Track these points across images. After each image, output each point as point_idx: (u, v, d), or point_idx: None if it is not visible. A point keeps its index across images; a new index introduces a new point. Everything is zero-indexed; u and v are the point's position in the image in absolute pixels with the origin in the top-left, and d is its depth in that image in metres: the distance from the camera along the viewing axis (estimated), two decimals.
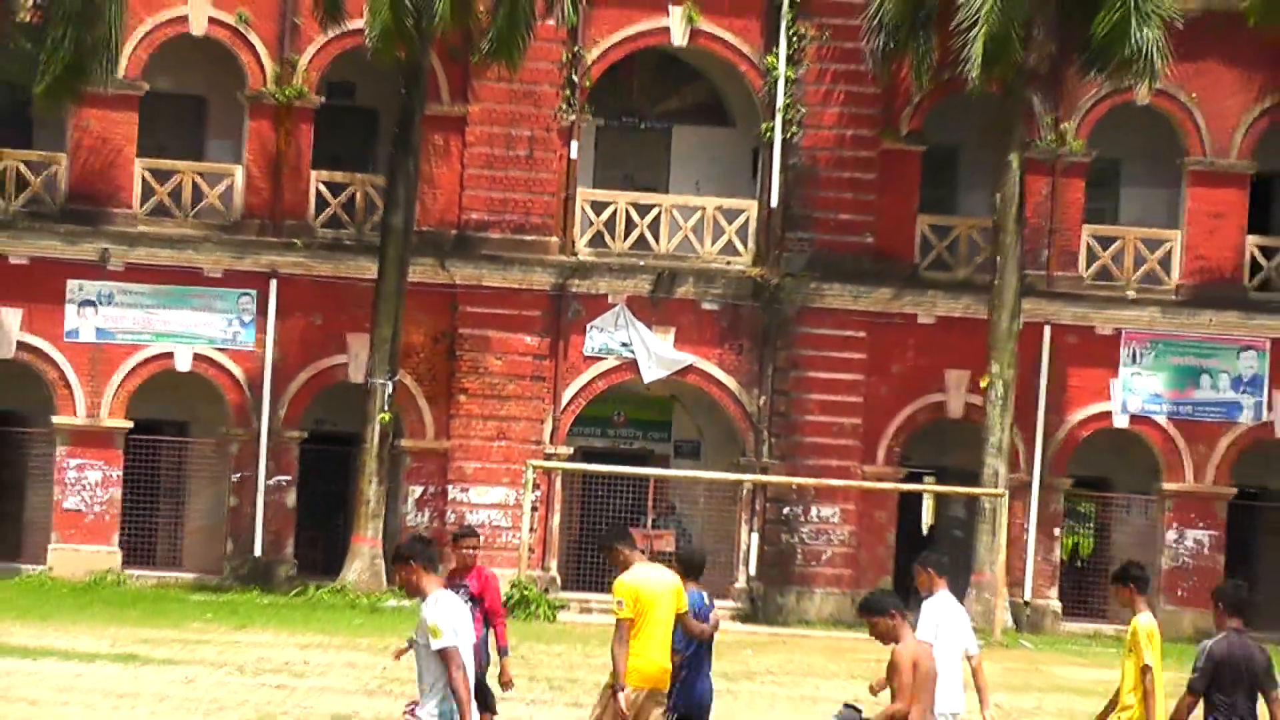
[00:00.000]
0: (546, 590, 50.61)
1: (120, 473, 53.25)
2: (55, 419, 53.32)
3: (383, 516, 51.82)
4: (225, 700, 28.03)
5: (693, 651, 21.69)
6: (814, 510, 54.55)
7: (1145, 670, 20.36)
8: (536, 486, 53.17)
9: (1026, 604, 53.76)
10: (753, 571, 54.41)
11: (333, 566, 51.99)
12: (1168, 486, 55.74)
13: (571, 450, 54.69)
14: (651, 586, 20.93)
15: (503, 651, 23.51)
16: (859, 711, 18.95)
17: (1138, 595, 21.00)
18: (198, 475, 54.66)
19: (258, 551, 52.54)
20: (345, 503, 51.49)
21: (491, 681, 22.94)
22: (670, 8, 54.40)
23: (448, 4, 49.34)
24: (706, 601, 21.98)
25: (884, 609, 18.53)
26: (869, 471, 54.54)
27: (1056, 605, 54.82)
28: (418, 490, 53.89)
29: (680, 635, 21.22)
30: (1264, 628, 55.56)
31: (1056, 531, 55.92)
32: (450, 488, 53.73)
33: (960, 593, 52.01)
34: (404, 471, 53.70)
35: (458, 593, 22.65)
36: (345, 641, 40.53)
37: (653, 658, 20.92)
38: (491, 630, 23.48)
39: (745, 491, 54.60)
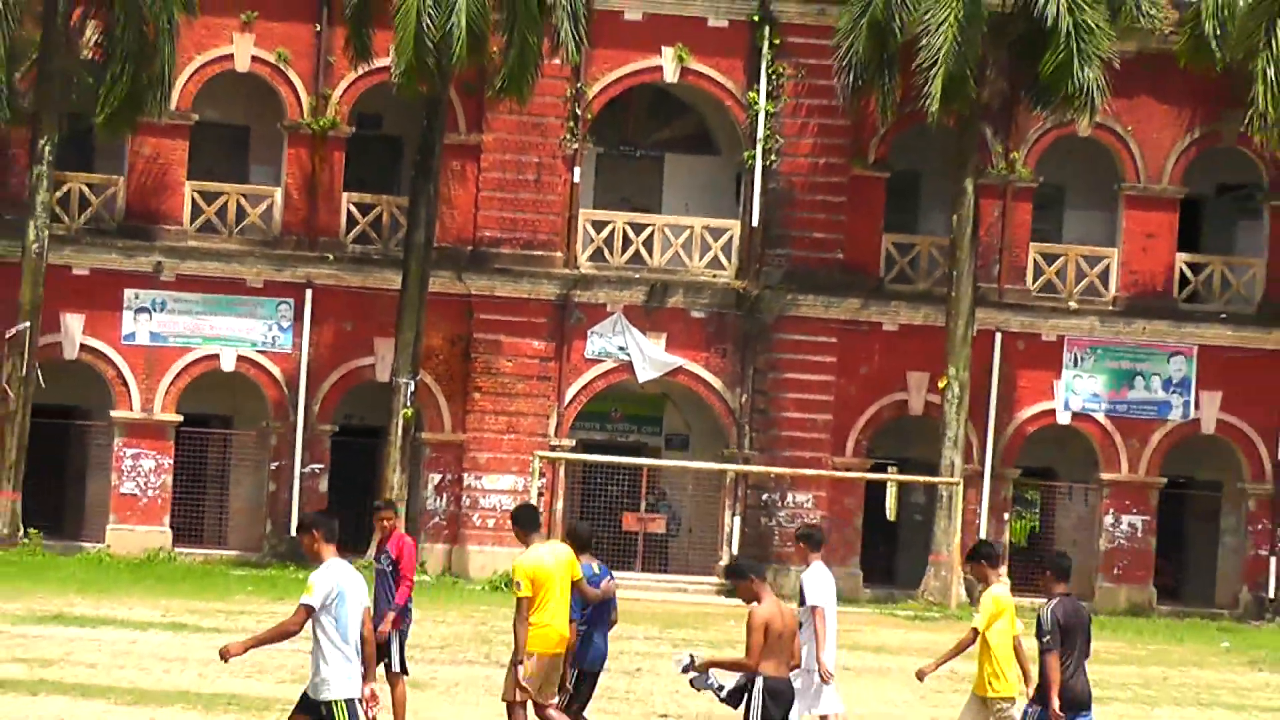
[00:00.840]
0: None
1: (171, 461, 53.28)
2: (113, 413, 53.32)
3: (405, 501, 51.87)
4: (265, 664, 28.02)
5: (590, 615, 21.78)
6: (790, 497, 54.59)
7: (981, 638, 20.59)
8: (542, 475, 53.17)
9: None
10: (735, 550, 54.26)
11: (360, 545, 51.91)
12: (1105, 476, 55.79)
13: (573, 442, 54.67)
14: (546, 564, 20.89)
15: (397, 609, 23.16)
16: (694, 658, 19.48)
17: (990, 570, 21.46)
18: (240, 463, 54.67)
19: (293, 531, 52.57)
20: (371, 488, 51.45)
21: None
22: (663, 49, 54.43)
23: (464, 45, 49.37)
24: (596, 570, 21.89)
25: (744, 574, 19.24)
26: (839, 462, 54.60)
27: (1006, 581, 54.73)
28: (436, 478, 53.92)
29: (578, 602, 21.22)
30: (1189, 602, 55.84)
31: (1006, 516, 55.94)
32: (465, 475, 53.74)
33: (917, 572, 52.31)
34: (424, 461, 53.70)
35: (380, 558, 23.13)
36: None
37: (554, 626, 20.84)
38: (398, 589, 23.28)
39: (729, 480, 54.58)
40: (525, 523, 21.02)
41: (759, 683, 18.69)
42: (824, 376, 54.62)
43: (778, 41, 54.55)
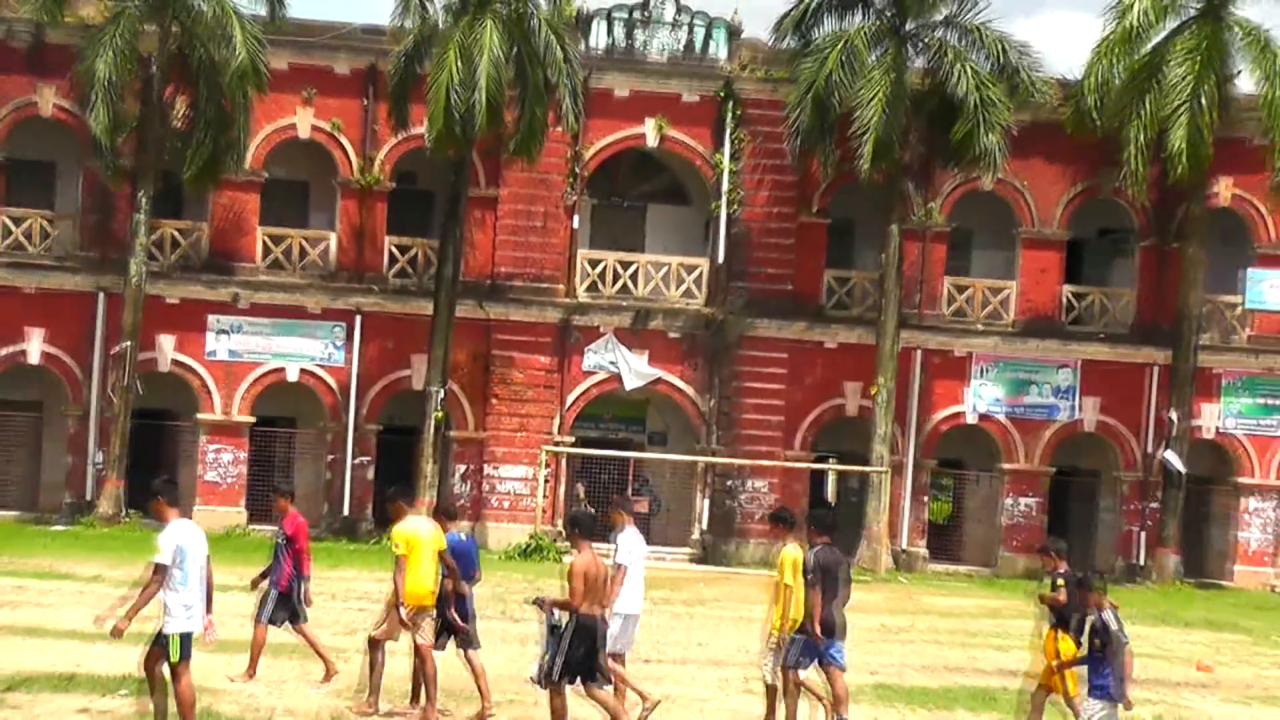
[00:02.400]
0: (555, 540, 50.54)
1: (245, 455, 53.20)
2: (199, 415, 53.26)
3: (436, 487, 51.76)
4: (323, 620, 27.92)
5: (465, 575, 21.87)
6: (749, 483, 54.50)
7: (781, 586, 20.76)
8: (547, 465, 53.18)
9: (903, 551, 53.77)
10: (705, 527, 54.36)
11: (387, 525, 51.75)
12: (1005, 466, 55.78)
13: (573, 439, 54.55)
14: (419, 532, 21.34)
15: (305, 578, 23.34)
16: (542, 599, 19.81)
17: (785, 532, 21.65)
18: (302, 456, 54.57)
19: (345, 512, 52.50)
20: (409, 476, 51.35)
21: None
22: (645, 119, 54.40)
23: (484, 116, 49.31)
24: (463, 539, 22.30)
25: (569, 528, 20.37)
26: (788, 455, 54.50)
27: (924, 552, 54.78)
28: (461, 468, 53.84)
29: (444, 566, 21.45)
30: (1074, 566, 55.57)
31: (925, 499, 55.96)
32: (485, 466, 53.67)
33: (852, 543, 52.21)
34: (452, 454, 53.63)
35: (277, 535, 23.48)
36: None
37: (422, 583, 21.11)
38: (300, 561, 23.43)
39: (699, 469, 54.55)
40: (403, 498, 21.69)
41: (573, 619, 19.11)
42: (776, 385, 54.58)
43: (739, 113, 54.52)
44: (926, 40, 52.59)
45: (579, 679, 19.23)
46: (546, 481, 52.96)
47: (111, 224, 52.63)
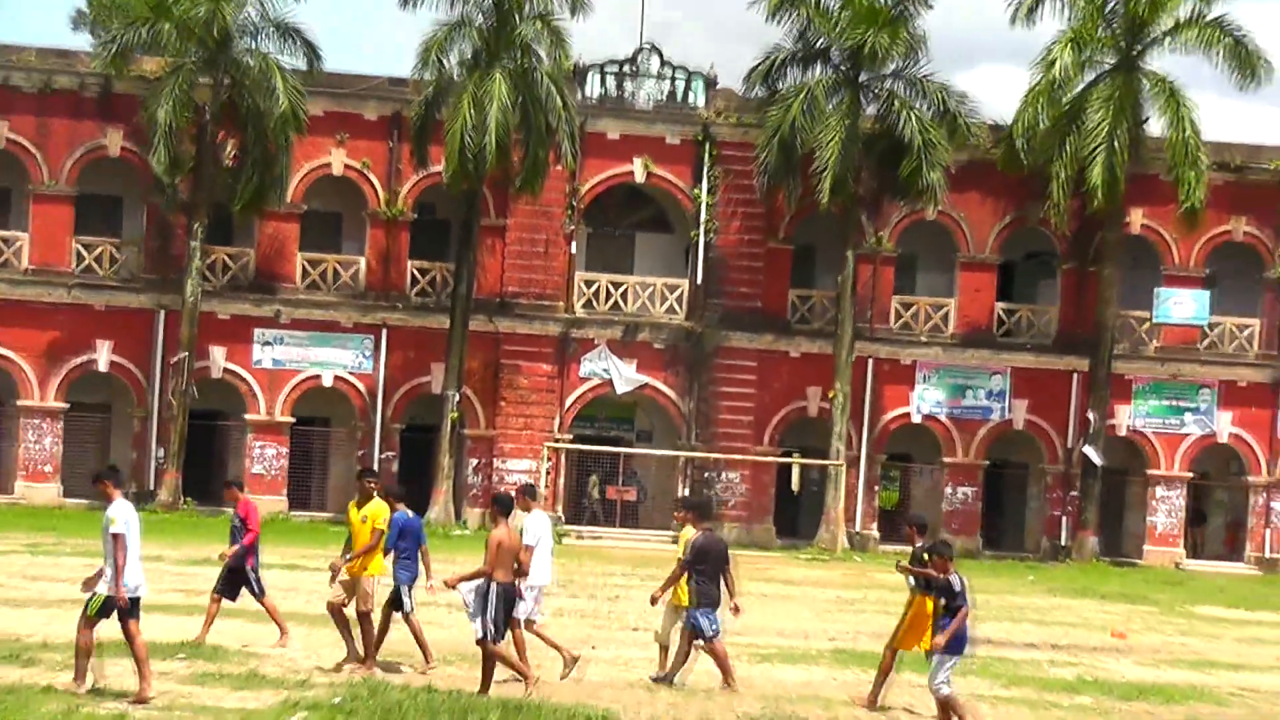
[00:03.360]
0: (555, 524, 50.53)
1: (287, 450, 53.26)
2: (246, 416, 53.29)
3: (452, 478, 51.82)
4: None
5: (406, 547, 21.53)
6: (723, 474, 54.55)
7: (680, 562, 20.99)
8: (549, 459, 53.22)
9: (857, 533, 53.81)
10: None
11: (421, 509, 51.72)
12: (946, 460, 55.88)
13: (571, 436, 54.57)
14: (369, 510, 21.23)
15: (245, 548, 23.12)
16: (449, 579, 20.05)
17: (693, 517, 21.70)
18: (336, 452, 54.60)
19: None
20: (429, 469, 51.36)
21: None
22: (634, 159, 54.49)
23: (494, 156, 49.46)
24: (410, 516, 21.85)
25: (492, 506, 20.20)
26: (758, 450, 54.58)
27: (876, 534, 54.80)
28: (474, 461, 53.85)
29: (391, 537, 21.29)
30: (1005, 548, 55.87)
31: (876, 488, 56.03)
32: (495, 460, 53.69)
33: (814, 527, 52.24)
34: (466, 449, 53.65)
35: (234, 518, 23.31)
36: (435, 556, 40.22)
37: (374, 562, 21.16)
38: (248, 541, 23.19)
39: (680, 462, 54.54)
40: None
41: (493, 585, 19.14)
42: (747, 389, 54.64)
43: (715, 153, 54.60)
44: (877, 90, 52.70)
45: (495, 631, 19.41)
46: (548, 473, 52.97)
47: (170, 250, 52.67)
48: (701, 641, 20.79)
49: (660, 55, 55.01)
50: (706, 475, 54.40)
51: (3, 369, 52.57)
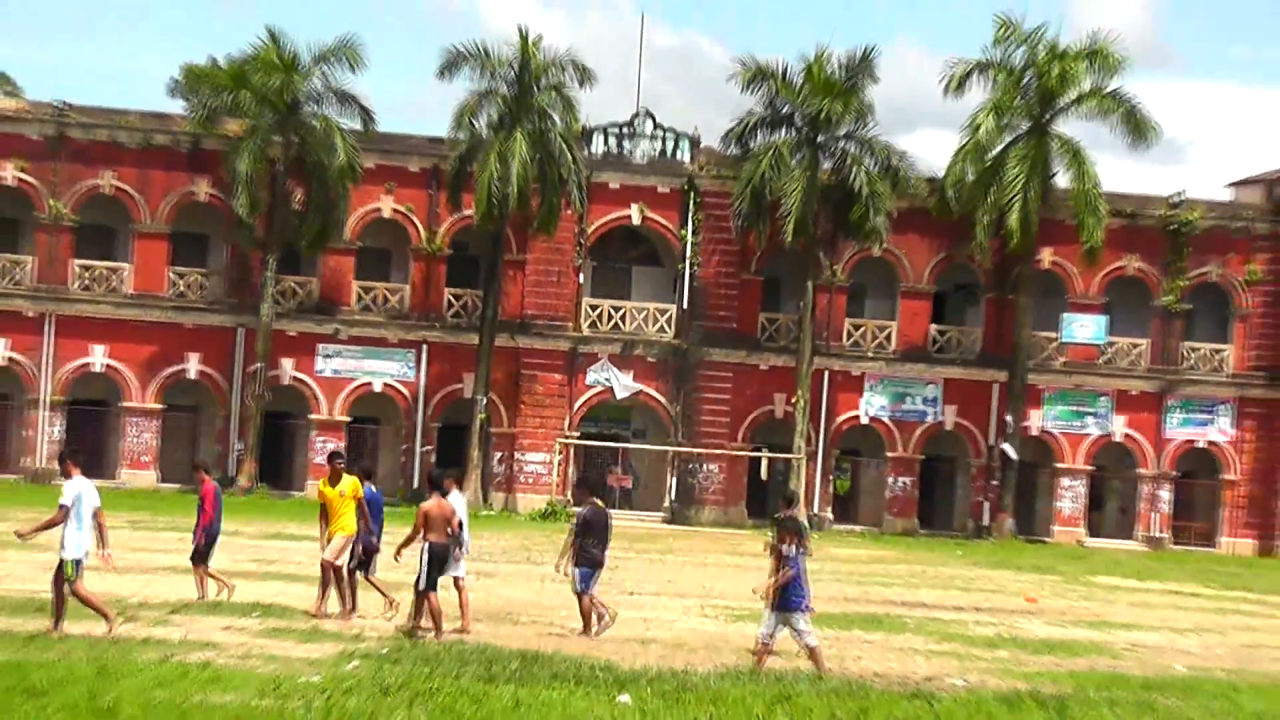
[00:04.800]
0: (565, 506, 50.54)
1: (344, 444, 53.10)
2: (311, 416, 53.27)
3: (480, 468, 51.78)
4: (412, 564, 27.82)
5: (377, 520, 21.73)
6: (704, 466, 54.51)
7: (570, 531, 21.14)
8: (560, 453, 53.24)
9: (815, 515, 53.79)
10: (673, 497, 54.36)
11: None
12: (889, 454, 55.85)
13: (579, 433, 54.58)
14: (345, 487, 21.13)
15: (205, 527, 22.65)
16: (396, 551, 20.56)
17: (580, 494, 21.78)
18: (384, 445, 54.52)
19: (415, 485, 52.49)
20: (461, 460, 51.34)
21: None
22: (631, 204, 54.49)
23: (515, 202, 49.60)
24: (375, 490, 21.86)
25: (426, 482, 19.90)
26: (733, 445, 54.53)
27: (830, 516, 54.85)
28: (499, 454, 53.76)
29: (364, 510, 21.35)
30: (937, 528, 55.87)
31: (830, 478, 55.98)
32: (515, 453, 53.62)
33: (775, 507, 52.07)
34: (492, 444, 53.55)
35: (200, 498, 22.82)
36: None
37: (347, 524, 21.15)
38: (213, 516, 22.70)
39: (669, 456, 54.55)
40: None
41: (426, 546, 19.65)
42: (724, 396, 54.63)
43: (698, 200, 54.63)
44: (833, 149, 52.73)
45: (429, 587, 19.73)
46: (559, 464, 53.00)
47: (248, 279, 52.71)
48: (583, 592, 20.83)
49: (653, 119, 55.04)
50: (690, 466, 54.38)
51: (110, 376, 52.58)
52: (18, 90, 66.18)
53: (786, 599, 17.76)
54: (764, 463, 53.87)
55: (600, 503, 21.29)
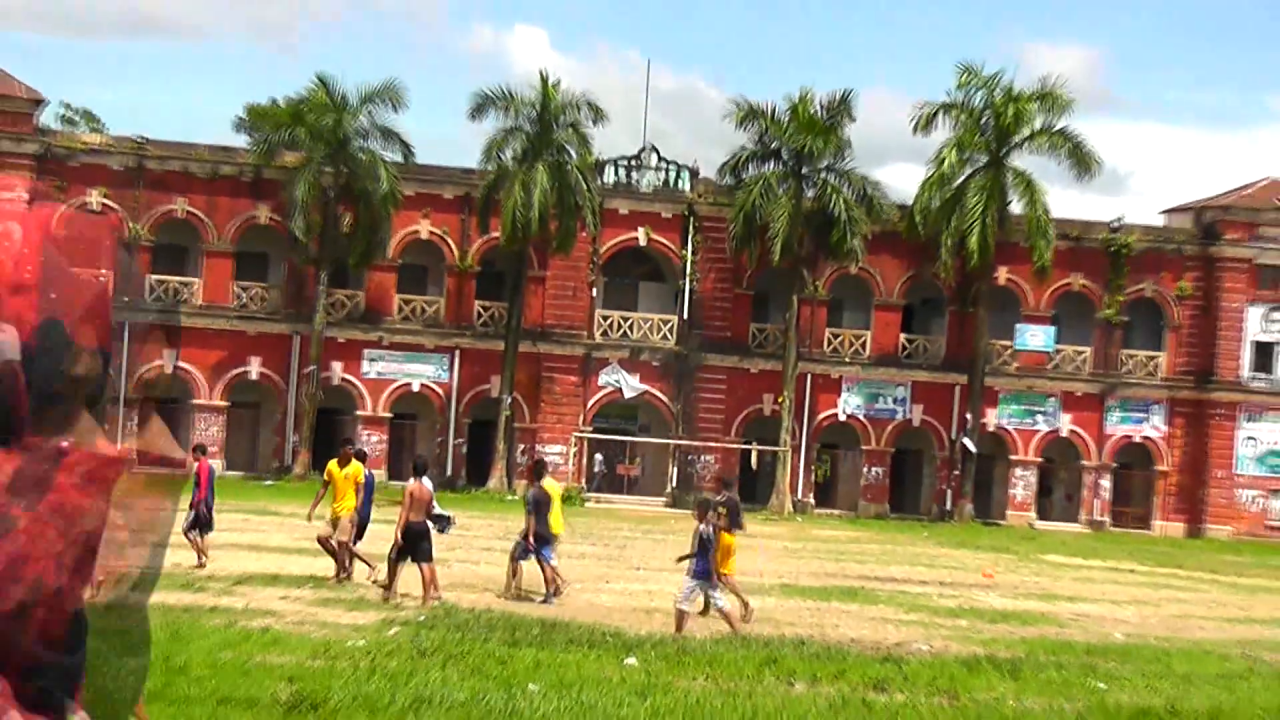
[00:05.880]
0: (581, 492, 50.58)
1: (386, 437, 53.26)
2: (357, 412, 53.27)
3: (506, 458, 51.76)
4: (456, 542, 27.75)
5: (368, 498, 21.87)
6: (701, 457, 54.51)
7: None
8: (575, 445, 53.25)
9: (799, 500, 53.79)
10: (674, 484, 54.31)
11: (482, 480, 51.76)
12: (864, 447, 55.80)
13: (592, 428, 54.59)
14: (350, 469, 21.55)
15: (201, 500, 22.61)
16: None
17: (530, 477, 22.21)
18: (421, 439, 54.51)
19: (448, 474, 52.53)
20: (488, 451, 51.35)
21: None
22: (639, 227, 54.56)
23: (537, 226, 49.63)
24: (369, 473, 22.28)
25: (413, 468, 20.51)
26: (726, 439, 54.52)
27: (812, 501, 54.81)
28: (521, 446, 53.65)
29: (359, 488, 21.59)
30: (907, 511, 55.76)
31: (813, 467, 55.95)
32: (536, 444, 53.49)
33: (768, 495, 52.09)
34: (515, 437, 53.51)
35: (195, 478, 22.71)
36: (490, 515, 40.12)
37: (349, 503, 21.45)
38: (207, 494, 22.76)
39: (670, 448, 54.53)
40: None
41: (404, 524, 19.72)
42: (719, 395, 54.61)
43: (697, 225, 54.69)
44: (815, 179, 52.72)
45: (410, 559, 19.77)
46: (575, 455, 53.01)
47: (303, 292, 52.74)
48: (524, 559, 21.06)
49: (657, 153, 55.08)
50: (689, 457, 54.35)
51: (182, 377, 52.60)
52: (102, 127, 66.36)
53: (700, 568, 17.97)
54: (753, 454, 53.87)
55: (541, 484, 21.41)
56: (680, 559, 18.93)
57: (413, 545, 19.75)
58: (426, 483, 20.56)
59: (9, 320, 0.66)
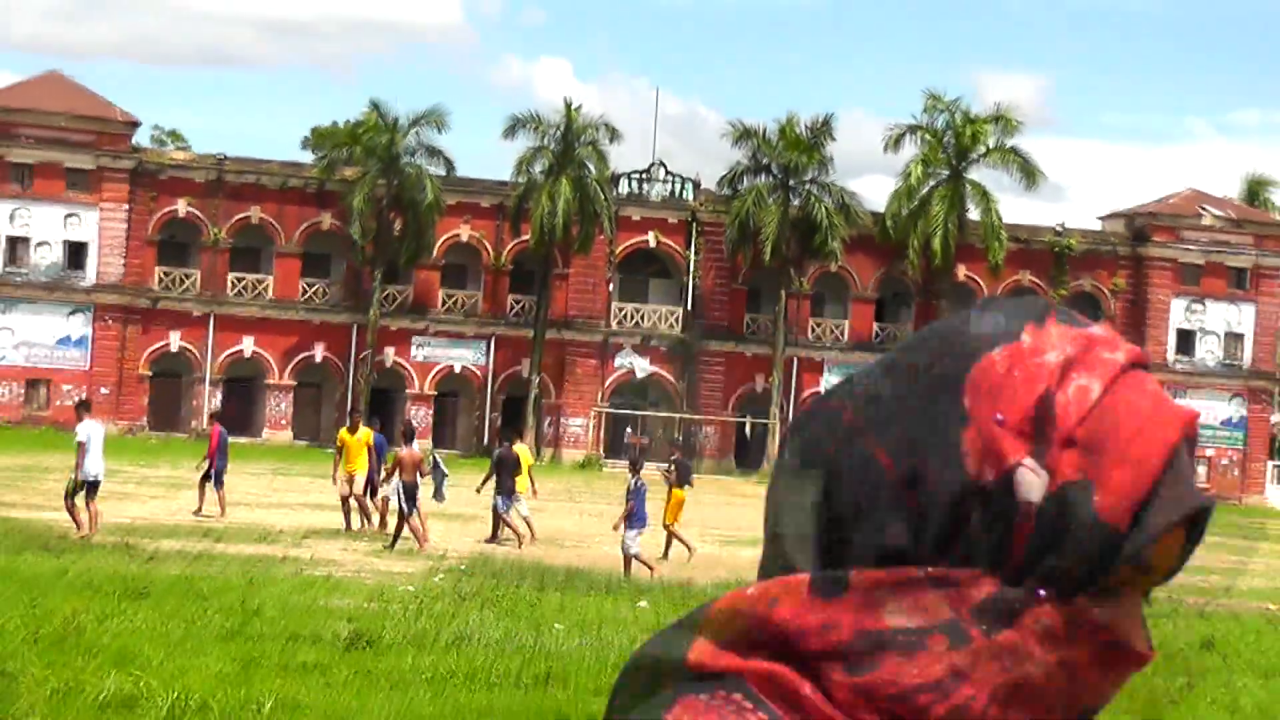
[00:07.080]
0: (599, 459, 50.54)
1: (432, 411, 53.18)
2: (407, 390, 53.18)
3: (534, 430, 51.66)
4: (465, 514, 27.48)
5: (380, 459, 21.61)
6: (703, 429, 54.39)
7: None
8: (594, 419, 53.16)
9: None
10: (680, 453, 54.12)
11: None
12: None
13: (609, 404, 54.48)
14: (361, 434, 21.60)
15: (211, 462, 22.18)
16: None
17: (510, 438, 22.38)
18: (462, 413, 54.43)
19: (485, 441, 52.35)
20: (519, 424, 51.11)
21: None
22: (649, 231, 54.41)
23: (561, 230, 49.55)
24: (380, 436, 22.38)
25: (402, 434, 20.71)
26: (724, 414, 54.42)
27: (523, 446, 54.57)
28: (548, 419, 53.59)
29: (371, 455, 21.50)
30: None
31: None
32: (561, 419, 53.51)
33: (759, 460, 51.96)
34: (542, 412, 53.35)
35: (210, 441, 22.53)
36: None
37: (360, 464, 21.45)
38: (219, 454, 22.19)
39: (677, 420, 54.41)
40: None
41: (400, 484, 19.63)
42: (718, 377, 54.48)
43: (699, 229, 54.51)
44: (800, 190, 52.49)
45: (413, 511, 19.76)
46: (594, 427, 52.89)
47: (360, 287, 52.65)
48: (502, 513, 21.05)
49: (665, 168, 54.95)
50: (692, 429, 54.23)
51: (256, 360, 52.66)
52: (187, 145, 66.36)
53: (634, 519, 18.45)
54: (748, 427, 53.79)
55: (510, 445, 21.57)
56: (615, 526, 19.03)
57: (409, 501, 19.74)
58: (415, 448, 20.64)
59: (1047, 469, 0.61)
